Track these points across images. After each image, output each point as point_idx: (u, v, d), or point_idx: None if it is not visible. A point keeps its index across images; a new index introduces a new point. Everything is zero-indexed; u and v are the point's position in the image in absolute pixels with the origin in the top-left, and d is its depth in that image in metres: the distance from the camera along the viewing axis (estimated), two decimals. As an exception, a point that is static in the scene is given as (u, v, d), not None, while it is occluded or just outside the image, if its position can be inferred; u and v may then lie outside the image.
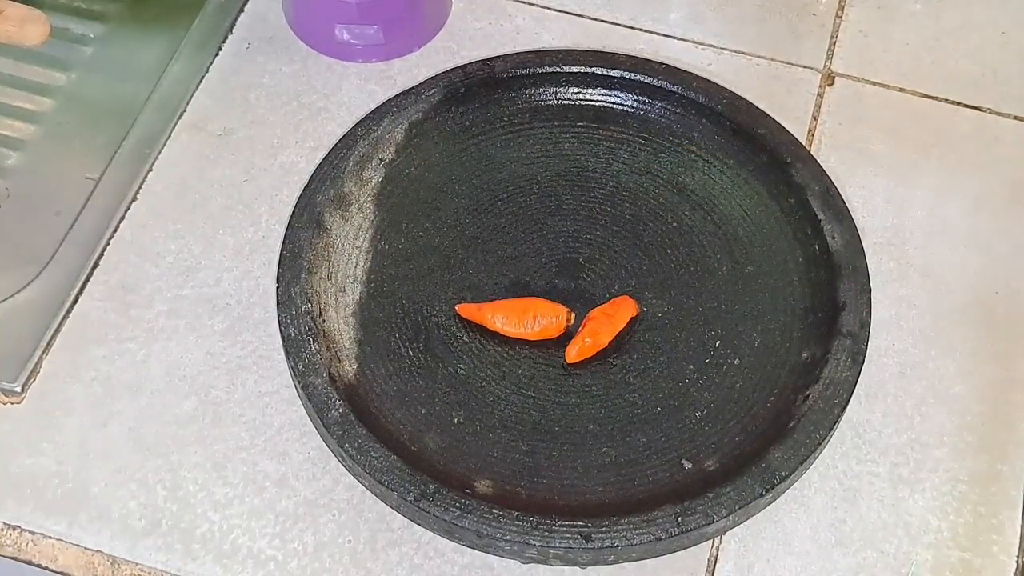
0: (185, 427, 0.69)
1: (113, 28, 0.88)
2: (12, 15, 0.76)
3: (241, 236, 0.77)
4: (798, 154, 0.77)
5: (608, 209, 0.77)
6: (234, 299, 0.74)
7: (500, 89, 0.81)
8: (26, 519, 0.67)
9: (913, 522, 0.68)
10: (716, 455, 0.68)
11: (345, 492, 0.68)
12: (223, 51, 0.85)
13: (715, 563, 0.66)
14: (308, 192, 0.75)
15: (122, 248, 0.76)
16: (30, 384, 0.71)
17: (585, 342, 0.71)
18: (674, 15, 0.88)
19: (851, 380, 0.69)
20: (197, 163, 0.80)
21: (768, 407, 0.69)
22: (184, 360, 0.72)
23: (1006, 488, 0.69)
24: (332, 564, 0.65)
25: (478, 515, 0.64)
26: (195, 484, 0.68)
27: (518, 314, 0.71)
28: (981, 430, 0.71)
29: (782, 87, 0.84)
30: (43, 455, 0.68)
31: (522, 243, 0.76)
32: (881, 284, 0.75)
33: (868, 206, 0.79)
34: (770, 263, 0.75)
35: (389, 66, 0.85)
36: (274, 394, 0.71)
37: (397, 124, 0.79)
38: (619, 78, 0.81)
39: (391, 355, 0.71)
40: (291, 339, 0.69)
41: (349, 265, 0.74)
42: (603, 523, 0.64)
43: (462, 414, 0.69)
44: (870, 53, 0.87)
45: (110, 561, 0.66)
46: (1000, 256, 0.77)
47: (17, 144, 0.82)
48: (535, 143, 0.80)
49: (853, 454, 0.70)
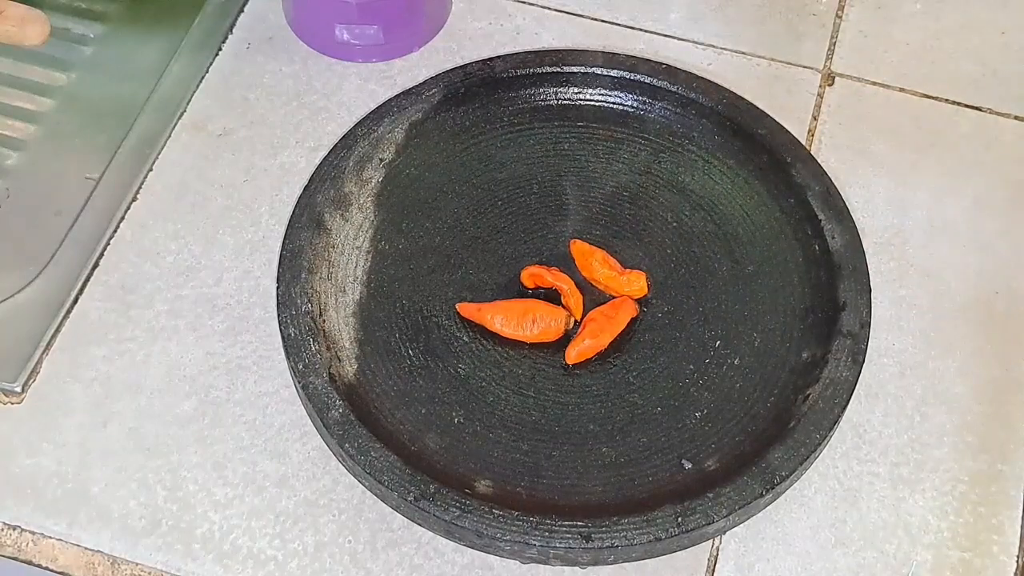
0: (185, 427, 0.69)
1: (113, 28, 0.88)
2: (12, 15, 0.76)
3: (241, 236, 0.77)
4: (798, 154, 0.77)
5: (608, 209, 0.77)
6: (234, 299, 0.74)
7: (500, 89, 0.81)
8: (26, 519, 0.67)
9: (913, 522, 0.68)
10: (716, 455, 0.68)
11: (345, 492, 0.68)
12: (223, 51, 0.85)
13: (715, 563, 0.66)
14: (308, 192, 0.75)
15: (122, 248, 0.76)
16: (30, 384, 0.71)
17: (585, 343, 0.71)
18: (674, 15, 0.88)
19: (851, 380, 0.69)
20: (197, 163, 0.80)
21: (768, 407, 0.70)
22: (184, 360, 0.72)
23: (1006, 488, 0.69)
24: (332, 564, 0.65)
25: (478, 515, 0.64)
26: (195, 484, 0.68)
27: (518, 315, 0.71)
28: (981, 430, 0.71)
29: (782, 87, 0.84)
30: (43, 455, 0.68)
31: (522, 243, 0.76)
32: (881, 284, 0.75)
33: (868, 206, 0.79)
34: (770, 263, 0.75)
35: (389, 66, 0.85)
36: (274, 394, 0.71)
37: (397, 124, 0.79)
38: (619, 78, 0.81)
39: (391, 355, 0.71)
40: (291, 339, 0.69)
41: (349, 265, 0.74)
42: (603, 523, 0.64)
43: (462, 414, 0.69)
44: (870, 53, 0.87)
45: (110, 561, 0.66)
46: (1000, 256, 0.77)
47: (17, 144, 0.82)
48: (535, 143, 0.80)
49: (853, 454, 0.70)
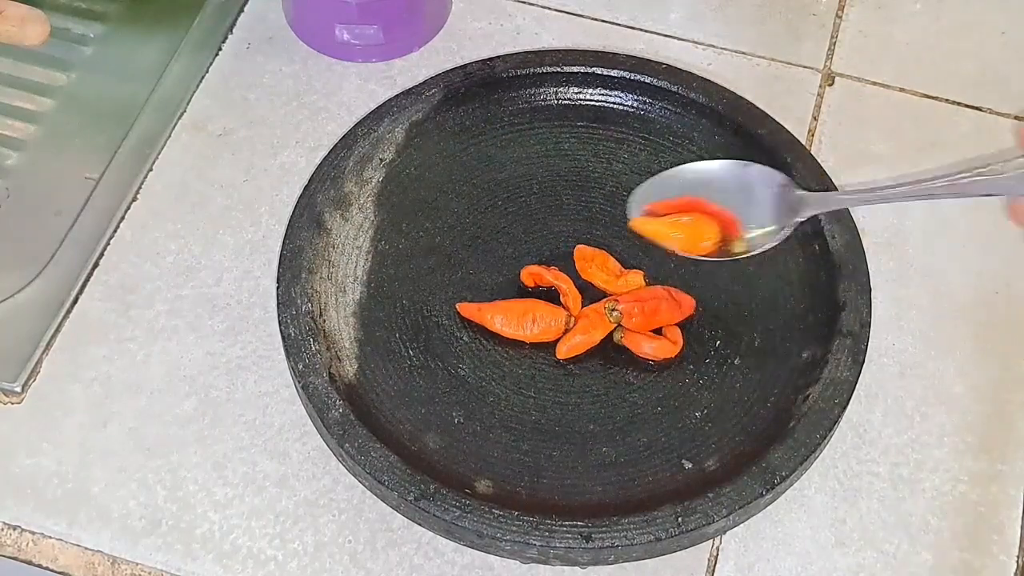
0: (185, 427, 0.69)
1: (113, 28, 0.88)
2: (12, 15, 0.76)
3: (241, 236, 0.77)
4: (798, 154, 0.77)
5: (608, 209, 0.77)
6: (234, 299, 0.74)
7: (500, 89, 0.81)
8: (26, 519, 0.67)
9: (913, 522, 0.68)
10: (716, 455, 0.68)
11: (345, 492, 0.68)
12: (223, 51, 0.85)
13: (715, 563, 0.66)
14: (308, 192, 0.75)
15: (122, 248, 0.76)
16: (30, 384, 0.71)
17: (576, 339, 0.70)
18: (674, 15, 0.88)
19: (851, 380, 0.69)
20: (197, 163, 0.80)
21: (768, 407, 0.70)
22: (184, 360, 0.72)
23: (1006, 488, 0.69)
24: (332, 564, 0.65)
25: (478, 515, 0.64)
26: (195, 484, 0.68)
27: (518, 315, 0.71)
28: (981, 430, 0.71)
29: (782, 87, 0.84)
30: (43, 455, 0.68)
31: (522, 243, 0.76)
32: (881, 284, 0.75)
33: (868, 206, 0.79)
34: (770, 263, 0.75)
35: (389, 66, 0.85)
36: (274, 394, 0.71)
37: (397, 124, 0.79)
38: (619, 78, 0.81)
39: (391, 355, 0.71)
40: (291, 339, 0.69)
41: (349, 265, 0.74)
42: (603, 523, 0.64)
43: (462, 414, 0.69)
44: (870, 53, 0.87)
45: (110, 561, 0.66)
46: (1000, 256, 0.77)
47: (17, 144, 0.82)
48: (535, 143, 0.80)
49: (853, 454, 0.70)
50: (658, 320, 0.71)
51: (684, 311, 0.72)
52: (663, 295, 0.72)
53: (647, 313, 0.71)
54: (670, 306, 0.71)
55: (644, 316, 0.71)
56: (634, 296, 0.71)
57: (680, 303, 0.72)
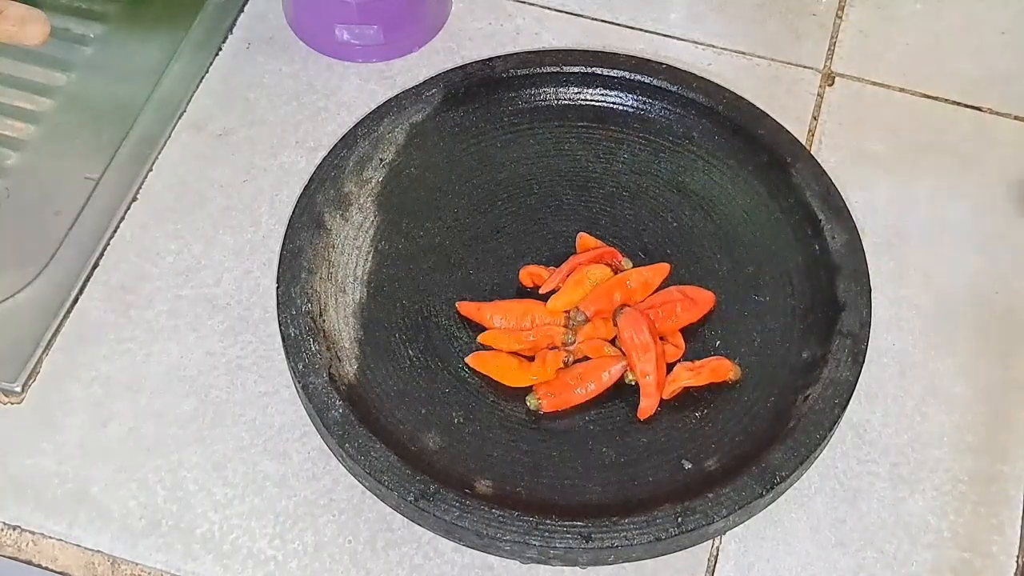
0: (185, 427, 0.69)
1: (113, 28, 0.88)
2: (12, 15, 0.76)
3: (241, 236, 0.77)
4: (798, 154, 0.77)
5: (608, 209, 0.77)
6: (234, 299, 0.74)
7: (500, 89, 0.81)
8: (26, 519, 0.67)
9: (913, 522, 0.68)
10: (716, 455, 0.68)
11: (345, 492, 0.68)
12: (223, 51, 0.85)
13: (715, 563, 0.66)
14: (308, 192, 0.75)
15: (122, 248, 0.76)
16: (30, 384, 0.71)
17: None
18: (674, 15, 0.88)
19: (851, 380, 0.69)
20: (197, 163, 0.80)
21: (768, 407, 0.69)
22: (184, 360, 0.72)
23: (1006, 488, 0.69)
24: (332, 564, 0.65)
25: (478, 515, 0.64)
26: (195, 484, 0.68)
27: (518, 315, 0.71)
28: (981, 430, 0.71)
29: (782, 87, 0.84)
30: (43, 455, 0.68)
31: (522, 243, 0.76)
32: (881, 284, 0.75)
33: (868, 206, 0.79)
34: (770, 263, 0.75)
35: (389, 66, 0.85)
36: (274, 394, 0.71)
37: (397, 124, 0.79)
38: (619, 78, 0.81)
39: (391, 355, 0.71)
40: (291, 339, 0.69)
41: (349, 265, 0.74)
42: (603, 523, 0.64)
43: (462, 414, 0.69)
44: (870, 53, 0.87)
45: (110, 561, 0.66)
46: (1000, 256, 0.77)
47: (17, 144, 0.82)
48: (535, 143, 0.80)
49: (853, 454, 0.70)
50: (677, 321, 0.71)
51: (702, 307, 0.72)
52: (676, 296, 0.72)
53: (663, 318, 0.71)
54: (686, 305, 0.71)
55: (663, 321, 0.71)
56: (648, 303, 0.71)
57: (696, 300, 0.72)
